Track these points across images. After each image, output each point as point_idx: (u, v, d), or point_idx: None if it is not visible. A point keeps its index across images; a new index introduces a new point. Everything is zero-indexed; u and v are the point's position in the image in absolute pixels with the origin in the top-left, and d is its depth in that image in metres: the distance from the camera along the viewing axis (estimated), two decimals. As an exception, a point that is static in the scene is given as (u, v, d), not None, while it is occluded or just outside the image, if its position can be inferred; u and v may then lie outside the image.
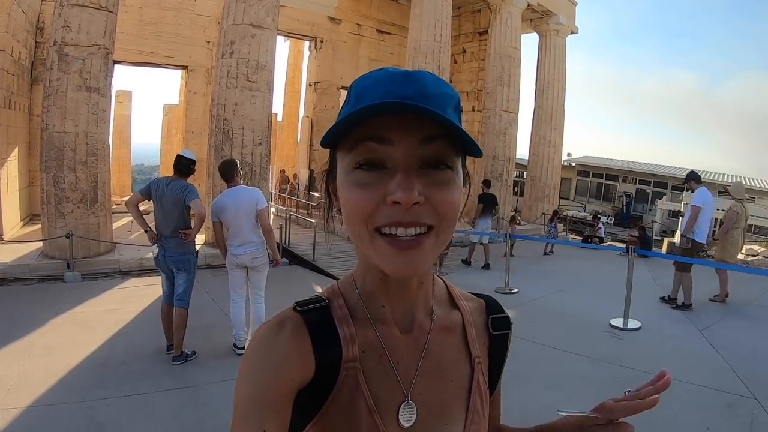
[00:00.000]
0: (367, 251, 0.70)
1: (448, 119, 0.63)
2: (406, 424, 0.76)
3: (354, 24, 17.28)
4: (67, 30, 7.61)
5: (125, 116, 20.08)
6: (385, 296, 0.78)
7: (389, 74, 0.69)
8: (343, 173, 0.70)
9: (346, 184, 0.69)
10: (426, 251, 0.67)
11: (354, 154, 0.68)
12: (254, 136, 9.41)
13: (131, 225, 11.95)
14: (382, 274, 0.74)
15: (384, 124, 0.65)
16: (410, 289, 0.79)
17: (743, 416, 4.18)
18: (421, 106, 0.62)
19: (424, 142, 0.66)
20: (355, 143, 0.67)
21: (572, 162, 29.84)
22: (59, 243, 7.73)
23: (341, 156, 0.71)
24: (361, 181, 0.67)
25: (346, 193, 0.69)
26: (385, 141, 0.66)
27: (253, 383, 0.70)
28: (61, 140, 7.70)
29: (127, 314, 6.13)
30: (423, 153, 0.66)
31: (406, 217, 0.65)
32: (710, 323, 6.70)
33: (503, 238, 10.20)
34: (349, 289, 0.82)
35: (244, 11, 9.10)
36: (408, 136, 0.65)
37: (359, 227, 0.68)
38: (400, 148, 0.66)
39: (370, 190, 0.66)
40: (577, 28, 17.86)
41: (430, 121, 0.64)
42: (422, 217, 0.66)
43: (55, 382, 4.22)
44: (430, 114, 0.62)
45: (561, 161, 18.87)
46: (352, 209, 0.68)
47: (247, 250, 5.07)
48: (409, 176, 0.65)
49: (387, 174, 0.66)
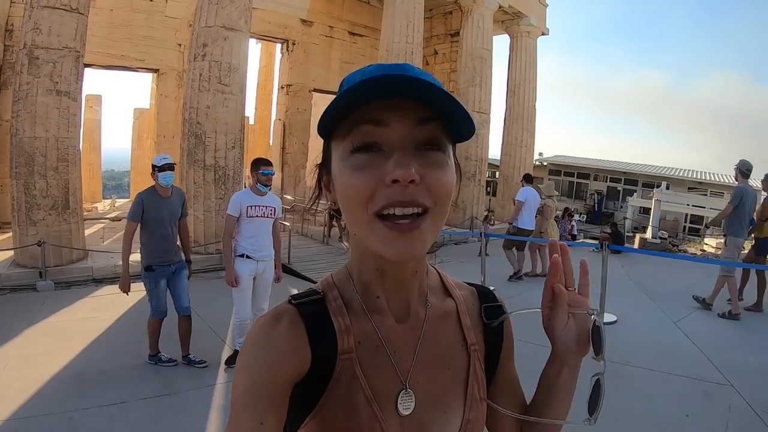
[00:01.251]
0: (366, 237, 0.70)
1: (443, 90, 0.65)
2: (405, 413, 0.77)
3: (326, 26, 17.23)
4: (37, 32, 7.45)
5: (95, 121, 19.75)
6: (381, 286, 0.79)
7: (379, 66, 0.70)
8: (340, 159, 0.71)
9: (343, 170, 0.70)
10: (424, 234, 0.68)
11: (350, 138, 0.69)
12: (227, 140, 9.31)
13: (103, 232, 11.79)
14: (379, 262, 0.76)
15: (379, 107, 0.66)
16: (405, 279, 0.80)
17: (720, 402, 4.35)
18: (416, 77, 0.64)
19: (419, 124, 0.67)
20: (350, 128, 0.68)
21: (544, 161, 30.27)
22: (31, 251, 7.56)
23: (336, 144, 0.72)
24: (358, 164, 0.68)
25: (344, 179, 0.70)
26: (380, 123, 0.67)
27: (251, 376, 0.71)
28: (32, 145, 7.53)
29: (103, 322, 6.02)
30: (418, 134, 0.68)
31: (405, 197, 0.66)
32: (684, 315, 6.87)
33: (477, 236, 10.30)
34: (343, 281, 0.83)
35: (216, 13, 9.00)
36: (403, 118, 0.67)
37: (359, 212, 0.69)
38: (395, 129, 0.67)
39: (368, 172, 0.67)
40: (548, 30, 18.08)
41: (423, 104, 0.66)
42: (419, 198, 0.67)
43: (33, 394, 4.13)
44: (426, 86, 0.64)
45: (533, 161, 19.11)
46: (351, 193, 0.69)
47: (265, 254, 4.86)
48: (406, 155, 0.66)
49: (384, 156, 0.67)
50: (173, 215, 4.85)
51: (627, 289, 8.49)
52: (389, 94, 0.65)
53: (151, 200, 4.72)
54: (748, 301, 7.37)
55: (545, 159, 30.77)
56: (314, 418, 0.75)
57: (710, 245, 15.65)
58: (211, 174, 9.15)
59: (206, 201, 9.14)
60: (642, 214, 22.48)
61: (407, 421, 0.78)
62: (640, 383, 4.74)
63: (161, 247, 4.76)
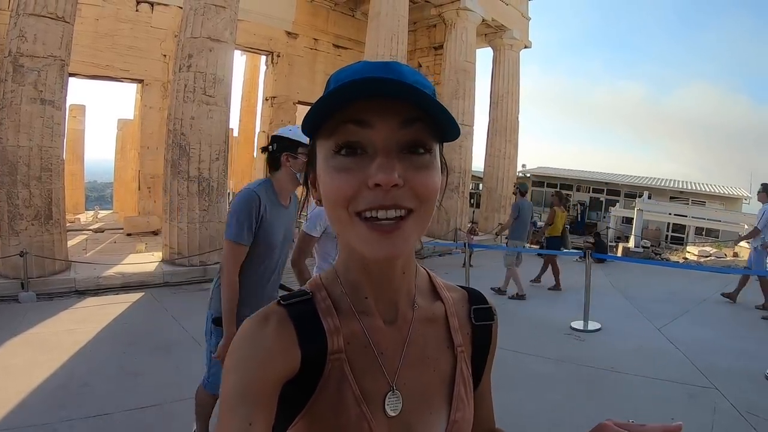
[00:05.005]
0: (348, 235, 0.71)
1: (426, 93, 0.65)
2: (393, 413, 0.78)
3: (311, 39, 17.26)
4: (22, 40, 7.40)
5: (78, 131, 19.53)
6: (369, 286, 0.80)
7: (367, 64, 0.71)
8: (324, 159, 0.71)
9: (326, 170, 0.70)
10: (406, 234, 0.69)
11: (334, 138, 0.69)
12: (211, 151, 9.27)
13: (86, 243, 11.67)
14: (365, 261, 0.77)
15: (364, 108, 0.66)
16: (393, 278, 0.80)
17: (706, 405, 4.42)
18: (400, 80, 0.64)
19: (404, 126, 0.68)
20: (335, 127, 0.69)
21: (527, 173, 30.49)
22: (13, 262, 7.46)
23: (321, 143, 0.73)
24: (341, 166, 0.68)
25: (327, 179, 0.70)
26: (364, 124, 0.67)
27: (239, 377, 0.71)
28: (15, 154, 7.45)
29: (85, 334, 5.93)
30: (402, 136, 0.68)
31: (387, 201, 0.66)
32: (668, 321, 6.96)
33: (462, 248, 10.34)
34: (332, 282, 0.83)
35: (202, 24, 8.99)
36: (388, 120, 0.67)
37: (340, 211, 0.69)
38: (380, 131, 0.67)
39: (350, 174, 0.68)
40: (531, 43, 18.28)
41: (408, 105, 0.67)
42: (403, 201, 0.67)
43: (15, 405, 4.06)
44: (408, 89, 0.64)
45: (516, 172, 19.22)
46: (333, 194, 0.69)
47: None
48: (389, 158, 0.67)
49: (367, 158, 0.68)
50: (288, 237, 3.08)
51: (610, 297, 8.60)
52: (375, 96, 0.65)
53: (270, 207, 2.87)
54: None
55: (528, 171, 30.99)
56: (303, 418, 0.75)
57: (692, 253, 15.86)
58: (195, 185, 9.09)
59: (190, 212, 9.08)
60: (625, 224, 22.75)
61: (394, 422, 0.78)
62: (624, 389, 4.80)
63: (264, 287, 3.01)
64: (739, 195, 25.41)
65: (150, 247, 11.08)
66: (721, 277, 9.85)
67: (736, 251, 15.10)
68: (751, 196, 25.64)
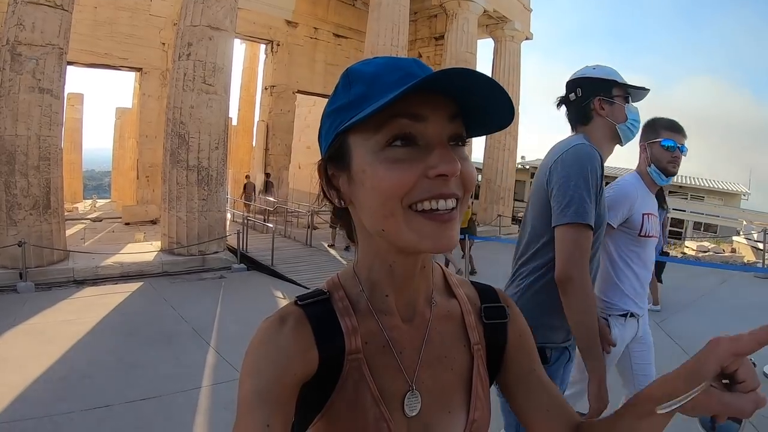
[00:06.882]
0: (398, 230, 0.69)
1: (496, 84, 0.65)
2: (411, 413, 0.77)
3: (311, 28, 17.20)
4: (20, 28, 7.35)
5: (77, 120, 19.51)
6: (391, 284, 0.78)
7: (394, 60, 0.71)
8: (372, 153, 0.69)
9: (378, 162, 0.68)
10: (457, 224, 0.70)
11: (384, 132, 0.68)
12: (211, 140, 9.26)
13: (84, 232, 11.65)
14: (392, 259, 0.76)
15: (416, 102, 0.66)
16: (415, 275, 0.79)
17: None
18: (484, 75, 0.64)
19: (451, 120, 0.69)
20: (383, 121, 0.67)
21: (526, 165, 30.46)
22: (11, 252, 7.44)
23: (364, 138, 0.70)
24: (397, 157, 0.67)
25: (381, 171, 0.68)
26: (419, 118, 0.67)
27: (257, 378, 0.70)
28: (13, 144, 7.42)
29: (84, 325, 5.93)
30: (450, 130, 0.69)
31: (448, 189, 0.67)
32: (667, 316, 6.96)
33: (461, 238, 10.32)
34: (350, 281, 0.82)
35: (202, 12, 8.95)
36: (439, 114, 0.68)
37: (393, 205, 0.67)
38: (432, 124, 0.67)
39: (408, 165, 0.67)
40: (532, 34, 18.25)
41: (453, 101, 0.68)
42: (457, 190, 0.68)
43: (15, 398, 4.06)
44: (493, 83, 0.65)
45: (515, 164, 19.20)
46: (389, 185, 0.67)
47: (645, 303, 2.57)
48: (448, 150, 0.67)
49: (420, 150, 0.67)
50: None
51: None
52: (434, 91, 0.66)
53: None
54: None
55: (527, 162, 30.98)
56: (322, 419, 0.75)
57: (691, 248, 15.88)
58: (194, 174, 9.08)
59: (189, 202, 9.07)
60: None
61: (413, 422, 0.78)
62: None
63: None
64: (738, 191, 25.45)
65: (148, 236, 11.08)
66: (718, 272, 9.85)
67: (734, 247, 15.13)
68: (749, 192, 25.76)
